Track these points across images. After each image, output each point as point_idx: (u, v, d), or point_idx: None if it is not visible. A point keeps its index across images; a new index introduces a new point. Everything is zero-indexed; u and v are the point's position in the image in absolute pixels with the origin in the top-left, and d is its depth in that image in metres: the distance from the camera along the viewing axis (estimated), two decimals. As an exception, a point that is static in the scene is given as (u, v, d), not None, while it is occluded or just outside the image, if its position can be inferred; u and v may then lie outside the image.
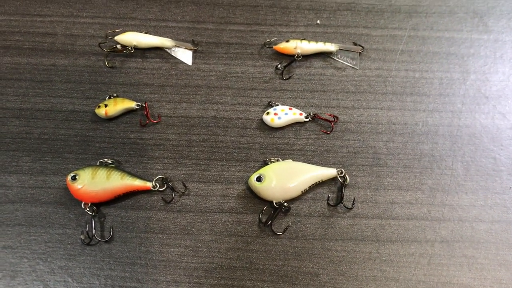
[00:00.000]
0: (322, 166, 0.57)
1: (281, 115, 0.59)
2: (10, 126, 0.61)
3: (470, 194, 0.56)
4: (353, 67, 0.63)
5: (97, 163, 0.58)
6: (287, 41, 0.63)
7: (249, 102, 0.61)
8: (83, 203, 0.55)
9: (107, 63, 0.63)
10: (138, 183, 0.56)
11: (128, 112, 0.61)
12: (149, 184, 0.56)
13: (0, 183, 0.58)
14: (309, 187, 0.56)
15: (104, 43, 0.64)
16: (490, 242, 0.55)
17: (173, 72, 0.63)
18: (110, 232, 0.55)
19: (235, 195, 0.57)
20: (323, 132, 0.60)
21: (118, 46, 0.64)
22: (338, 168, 0.57)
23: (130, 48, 0.63)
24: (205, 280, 0.54)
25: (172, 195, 0.57)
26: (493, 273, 0.53)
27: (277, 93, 0.62)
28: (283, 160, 0.57)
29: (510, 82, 0.62)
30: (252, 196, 0.57)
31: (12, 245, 0.55)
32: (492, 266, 0.54)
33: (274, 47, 0.63)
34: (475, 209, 0.56)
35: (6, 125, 0.61)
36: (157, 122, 0.60)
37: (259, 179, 0.55)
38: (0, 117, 0.61)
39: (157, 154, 0.59)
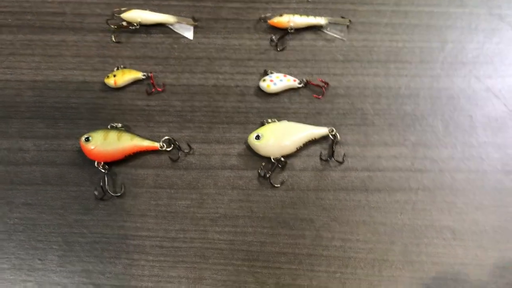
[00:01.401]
0: (314, 126, 0.65)
1: (276, 81, 0.67)
2: (25, 97, 0.68)
3: (449, 148, 0.65)
4: (341, 39, 0.72)
5: (107, 127, 0.66)
6: (281, 15, 0.71)
7: (246, 71, 0.70)
8: (96, 162, 0.63)
9: (114, 39, 0.72)
10: (146, 144, 0.64)
11: (135, 82, 0.69)
12: (156, 144, 0.64)
13: (17, 147, 0.66)
14: (303, 144, 0.64)
15: (111, 19, 0.72)
16: (467, 190, 0.63)
17: (176, 45, 0.71)
18: (121, 188, 0.63)
19: (235, 154, 0.65)
20: (315, 96, 0.68)
21: (124, 23, 0.72)
22: (329, 127, 0.65)
23: (135, 25, 0.71)
24: (211, 228, 0.62)
25: (178, 154, 0.65)
26: (470, 216, 0.62)
27: (272, 63, 0.70)
28: (279, 121, 0.66)
29: (483, 50, 0.71)
30: (251, 153, 0.65)
31: (31, 202, 0.63)
32: (469, 209, 0.62)
33: (268, 21, 0.72)
34: (454, 161, 0.65)
35: (20, 95, 0.68)
36: (162, 91, 0.69)
37: (257, 137, 0.63)
38: (16, 88, 0.69)
39: (163, 119, 0.67)
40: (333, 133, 0.65)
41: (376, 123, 0.66)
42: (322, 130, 0.65)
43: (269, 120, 0.65)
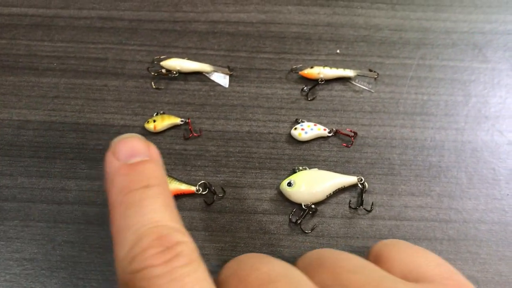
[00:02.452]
0: (343, 174, 0.70)
1: (307, 130, 0.73)
2: (68, 138, 0.74)
3: (473, 199, 0.70)
4: (369, 91, 0.77)
5: (146, 170, 0.71)
6: (311, 67, 0.77)
7: (278, 119, 0.76)
8: (135, 203, 0.69)
9: (154, 85, 0.78)
10: (184, 187, 0.69)
11: (173, 127, 0.75)
12: (193, 188, 0.69)
13: (60, 187, 0.71)
14: (333, 192, 0.69)
15: (151, 67, 0.79)
16: (491, 241, 0.68)
17: (212, 93, 0.77)
18: (159, 229, 0.68)
19: (267, 199, 0.70)
20: (344, 145, 0.73)
21: (163, 70, 0.78)
22: (358, 176, 0.70)
23: (174, 72, 0.78)
24: (243, 271, 0.66)
25: (213, 198, 0.70)
26: (494, 266, 0.66)
27: (303, 111, 0.76)
28: (310, 168, 0.71)
29: (506, 105, 0.76)
30: (283, 199, 0.70)
31: (72, 240, 0.68)
32: (493, 261, 0.67)
33: (299, 72, 0.78)
34: (478, 212, 0.69)
35: (64, 137, 0.74)
36: (198, 136, 0.74)
37: (289, 184, 0.68)
38: (60, 130, 0.75)
39: (199, 163, 0.72)
40: (362, 182, 0.70)
41: (402, 173, 0.71)
42: (351, 179, 0.70)
43: (300, 168, 0.70)
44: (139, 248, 0.35)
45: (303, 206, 0.68)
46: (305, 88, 0.77)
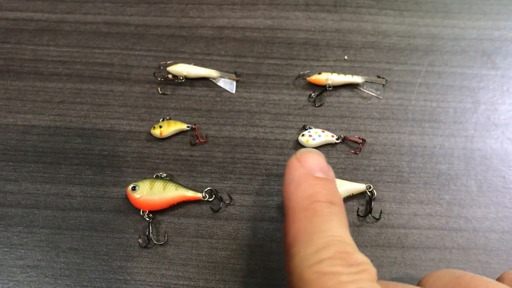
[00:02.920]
0: (352, 182, 0.70)
1: (315, 136, 0.72)
2: (73, 144, 0.74)
3: (483, 208, 0.69)
4: (377, 97, 0.77)
5: (152, 176, 0.71)
6: (319, 73, 0.77)
7: (285, 126, 0.75)
8: (141, 210, 0.68)
9: (160, 90, 0.77)
10: (190, 194, 0.69)
11: (179, 133, 0.74)
12: (199, 195, 0.69)
13: (65, 193, 0.70)
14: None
15: (158, 72, 0.78)
16: (501, 250, 0.67)
17: (218, 99, 0.77)
18: (164, 236, 0.67)
19: (275, 206, 0.69)
20: (352, 152, 0.73)
21: (170, 76, 0.78)
22: (367, 183, 0.70)
23: (181, 78, 0.77)
24: (250, 280, 0.65)
25: (220, 205, 0.69)
26: (505, 276, 0.65)
27: (310, 118, 0.76)
28: (317, 176, 0.70)
29: (516, 112, 0.76)
30: (290, 207, 0.69)
31: (77, 247, 0.67)
32: (503, 270, 0.65)
33: (307, 78, 0.77)
34: (488, 221, 0.68)
35: (69, 143, 0.74)
36: (205, 142, 0.74)
37: (297, 191, 0.68)
38: (65, 135, 0.74)
39: (205, 170, 0.72)
40: (370, 189, 0.69)
41: (411, 181, 0.70)
42: (359, 186, 0.69)
43: (308, 175, 0.70)
44: (327, 253, 0.39)
45: (311, 214, 0.67)
46: (312, 94, 0.77)
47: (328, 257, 0.39)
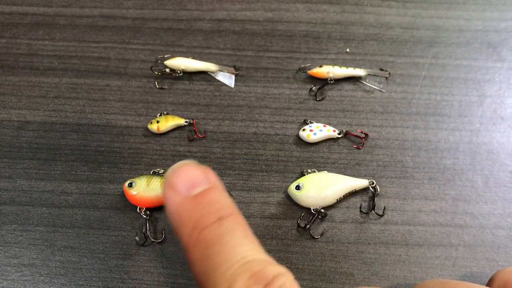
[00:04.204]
0: (354, 177, 0.68)
1: (316, 131, 0.70)
2: (69, 140, 0.72)
3: (490, 203, 0.67)
4: (380, 90, 0.75)
5: (150, 172, 0.69)
6: (321, 66, 0.75)
7: (286, 120, 0.73)
8: (138, 207, 0.66)
9: (157, 85, 0.75)
10: (188, 190, 0.67)
11: (177, 128, 0.72)
12: (197, 191, 0.67)
13: (60, 189, 0.69)
14: (343, 196, 0.66)
15: (155, 67, 0.76)
16: (509, 247, 0.64)
17: (217, 93, 0.75)
18: (162, 234, 0.65)
19: (275, 203, 0.67)
20: (355, 147, 0.71)
21: (167, 70, 0.76)
22: (369, 179, 0.67)
23: (178, 72, 0.75)
24: (250, 278, 0.63)
25: (219, 201, 0.67)
26: (512, 274, 0.63)
27: (312, 112, 0.73)
28: (319, 171, 0.68)
29: (523, 105, 0.73)
30: (291, 203, 0.67)
31: (72, 245, 0.65)
32: None
33: (308, 71, 0.75)
34: (495, 217, 0.66)
35: (65, 138, 0.72)
36: (203, 137, 0.72)
37: (298, 187, 0.66)
38: (60, 131, 0.72)
39: (203, 166, 0.70)
40: (373, 185, 0.67)
41: (416, 176, 0.68)
42: (362, 182, 0.67)
43: (309, 170, 0.68)
44: None
45: (312, 211, 0.65)
46: (313, 88, 0.75)
47: None
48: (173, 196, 0.40)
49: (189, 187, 0.40)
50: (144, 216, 0.65)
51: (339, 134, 0.71)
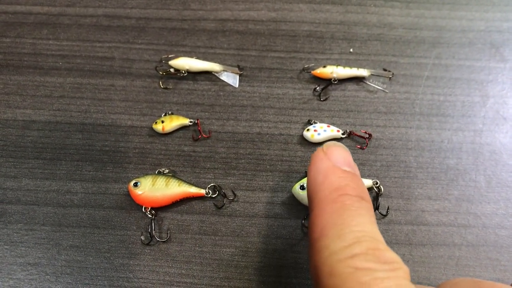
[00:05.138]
0: (358, 177, 0.68)
1: (320, 131, 0.70)
2: (74, 139, 0.72)
3: (492, 203, 0.67)
4: (383, 91, 0.75)
5: (155, 172, 0.69)
6: (324, 66, 0.75)
7: (290, 120, 0.73)
8: (143, 207, 0.66)
9: (162, 85, 0.76)
10: (193, 190, 0.67)
11: (182, 128, 0.72)
12: (202, 191, 0.67)
13: (66, 189, 0.69)
14: (347, 196, 0.67)
15: (159, 66, 0.76)
16: (512, 247, 0.65)
17: (221, 93, 0.75)
18: (167, 233, 0.66)
19: (279, 202, 0.68)
20: (358, 147, 0.71)
21: (172, 70, 0.76)
22: (373, 179, 0.68)
23: (183, 72, 0.75)
24: (255, 277, 0.64)
25: (223, 201, 0.67)
26: (515, 274, 0.64)
27: (315, 112, 0.74)
28: (323, 171, 0.68)
29: (525, 106, 0.74)
30: (295, 203, 0.67)
31: (78, 244, 0.66)
32: (514, 267, 0.64)
33: (312, 72, 0.75)
34: (497, 217, 0.67)
35: (70, 138, 0.72)
36: (208, 137, 0.72)
37: (302, 187, 0.66)
38: (65, 130, 0.73)
39: (208, 165, 0.70)
40: (377, 185, 0.67)
41: (419, 176, 0.69)
42: (366, 182, 0.67)
43: (313, 170, 0.68)
44: (359, 249, 0.38)
45: (317, 210, 0.65)
46: (317, 88, 0.75)
47: (360, 252, 0.37)
48: (326, 161, 0.46)
49: (342, 162, 0.46)
50: (149, 216, 0.66)
51: (343, 134, 0.71)
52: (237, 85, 0.75)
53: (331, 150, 0.47)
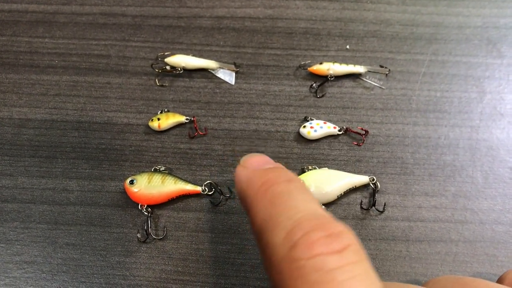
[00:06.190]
0: (355, 174, 0.68)
1: (317, 128, 0.70)
2: (70, 137, 0.72)
3: (489, 199, 0.67)
4: (380, 87, 0.75)
5: (151, 169, 0.69)
6: (321, 63, 0.75)
7: (286, 117, 0.73)
8: (139, 205, 0.66)
9: (158, 82, 0.76)
10: (189, 188, 0.67)
11: (178, 125, 0.72)
12: (199, 188, 0.67)
13: (62, 187, 0.69)
14: (344, 192, 0.67)
15: (155, 64, 0.76)
16: (509, 242, 0.65)
17: (218, 90, 0.75)
18: (164, 231, 0.66)
19: (276, 199, 0.68)
20: (355, 144, 0.71)
21: (168, 67, 0.76)
22: (370, 176, 0.68)
23: (179, 69, 0.75)
24: (251, 275, 0.64)
25: (220, 198, 0.67)
26: (512, 269, 0.63)
27: (312, 109, 0.74)
28: (319, 168, 0.68)
29: (522, 101, 0.73)
30: (292, 200, 0.67)
31: (74, 242, 0.66)
32: (511, 263, 0.64)
33: (308, 68, 0.75)
34: (494, 213, 0.66)
35: (66, 136, 0.72)
36: (204, 135, 0.72)
37: (299, 184, 0.66)
38: (61, 129, 0.72)
39: (204, 163, 0.70)
40: (374, 181, 0.67)
41: (416, 172, 0.68)
42: (362, 179, 0.67)
43: (310, 167, 0.68)
44: (300, 232, 0.33)
45: (313, 207, 0.65)
46: (314, 84, 0.75)
47: (304, 234, 0.33)
48: (244, 171, 0.43)
49: (261, 164, 0.44)
50: (146, 213, 0.66)
51: (339, 131, 0.71)
52: (233, 83, 0.75)
53: (247, 160, 0.45)
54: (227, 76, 0.75)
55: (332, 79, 0.74)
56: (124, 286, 0.63)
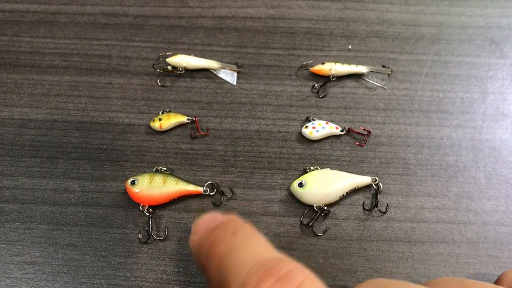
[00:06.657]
0: (357, 174, 0.68)
1: (319, 128, 0.70)
2: (71, 137, 0.72)
3: (492, 200, 0.67)
4: (382, 87, 0.74)
5: (152, 170, 0.68)
6: (323, 63, 0.74)
7: (288, 117, 0.73)
8: (141, 205, 0.66)
9: (159, 82, 0.75)
10: (191, 188, 0.66)
11: (180, 125, 0.72)
12: (200, 189, 0.67)
13: (63, 187, 0.68)
14: (346, 193, 0.66)
15: (157, 64, 0.76)
16: (512, 244, 0.65)
17: (219, 90, 0.75)
18: (165, 231, 0.65)
19: (277, 200, 0.67)
20: (357, 144, 0.71)
21: (169, 67, 0.75)
22: (372, 176, 0.67)
23: (180, 69, 0.75)
24: (253, 276, 0.63)
25: (221, 199, 0.67)
26: (515, 271, 0.63)
27: (314, 109, 0.73)
28: (321, 168, 0.68)
29: (525, 102, 0.73)
30: (294, 201, 0.67)
31: (75, 243, 0.65)
32: (514, 265, 0.63)
33: (310, 69, 0.75)
34: (498, 214, 0.66)
35: (67, 136, 0.72)
36: (205, 135, 0.72)
37: (301, 185, 0.65)
38: (62, 129, 0.72)
39: (206, 163, 0.70)
40: (376, 182, 0.67)
41: (418, 173, 0.68)
42: (365, 179, 0.67)
43: (312, 168, 0.68)
44: (250, 287, 0.33)
45: (315, 208, 0.65)
46: (316, 85, 0.74)
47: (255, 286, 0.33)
48: (194, 238, 0.42)
49: (207, 227, 0.42)
50: (147, 214, 0.65)
51: (341, 131, 0.70)
52: (235, 83, 0.75)
53: (195, 225, 0.43)
54: (229, 76, 0.75)
55: (334, 79, 0.74)
56: (125, 287, 0.63)
